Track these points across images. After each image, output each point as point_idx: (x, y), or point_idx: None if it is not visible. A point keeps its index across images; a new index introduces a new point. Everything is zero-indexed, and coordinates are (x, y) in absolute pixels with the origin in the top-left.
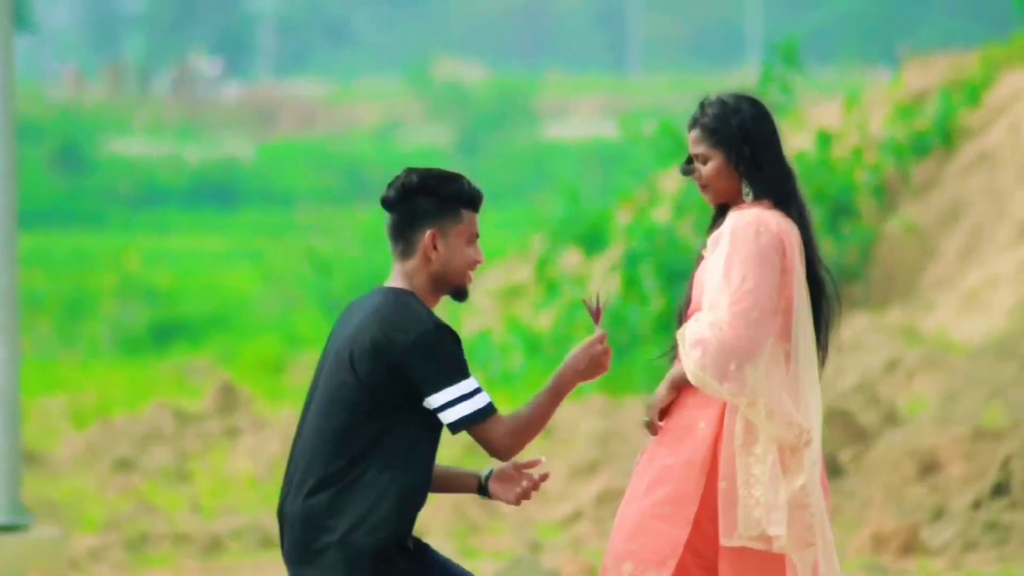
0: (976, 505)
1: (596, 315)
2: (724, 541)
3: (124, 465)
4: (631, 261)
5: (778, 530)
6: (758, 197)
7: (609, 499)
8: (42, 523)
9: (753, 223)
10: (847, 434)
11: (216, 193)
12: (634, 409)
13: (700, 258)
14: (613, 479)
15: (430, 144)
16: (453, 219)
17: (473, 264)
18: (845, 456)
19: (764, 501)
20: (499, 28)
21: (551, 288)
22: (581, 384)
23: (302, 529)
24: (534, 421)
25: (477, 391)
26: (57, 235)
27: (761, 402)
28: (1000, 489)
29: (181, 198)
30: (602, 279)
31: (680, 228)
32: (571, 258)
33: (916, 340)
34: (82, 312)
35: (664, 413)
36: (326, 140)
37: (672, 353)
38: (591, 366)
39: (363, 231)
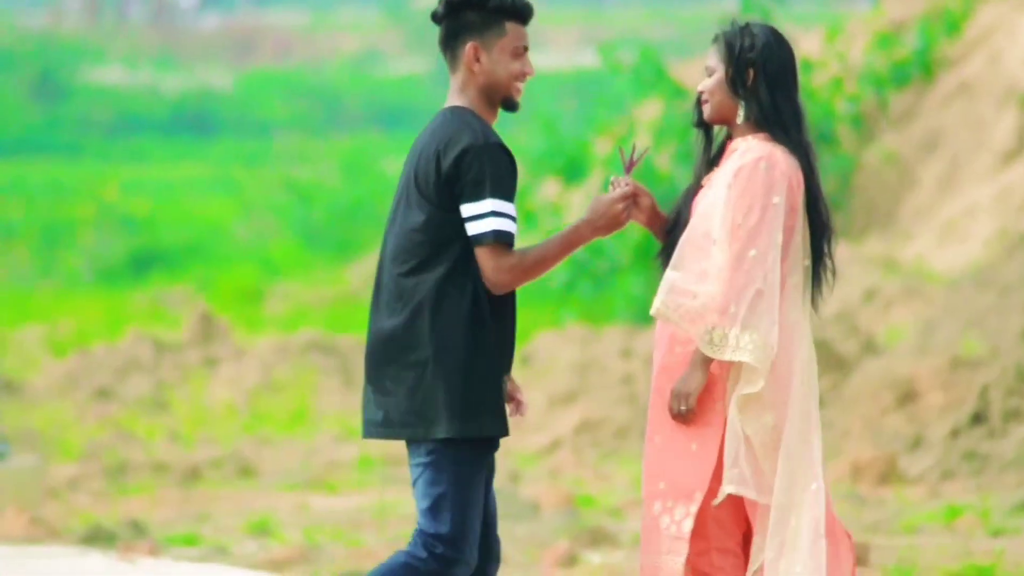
0: (954, 434)
1: (629, 166)
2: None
3: (102, 394)
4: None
5: (766, 499)
6: (749, 120)
7: (587, 429)
8: (20, 452)
9: (762, 158)
10: (826, 364)
11: (194, 122)
12: (614, 338)
13: (698, 187)
14: (592, 409)
15: (408, 74)
16: (497, 32)
17: (520, 76)
18: (823, 386)
19: (729, 459)
20: None
21: (529, 218)
22: (596, 238)
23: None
24: (537, 265)
25: (501, 215)
26: (33, 164)
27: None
28: (978, 418)
29: (159, 127)
30: (581, 210)
31: (659, 158)
32: (550, 188)
33: (894, 270)
34: (59, 241)
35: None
36: (304, 69)
37: (664, 258)
38: (609, 222)
39: (341, 160)
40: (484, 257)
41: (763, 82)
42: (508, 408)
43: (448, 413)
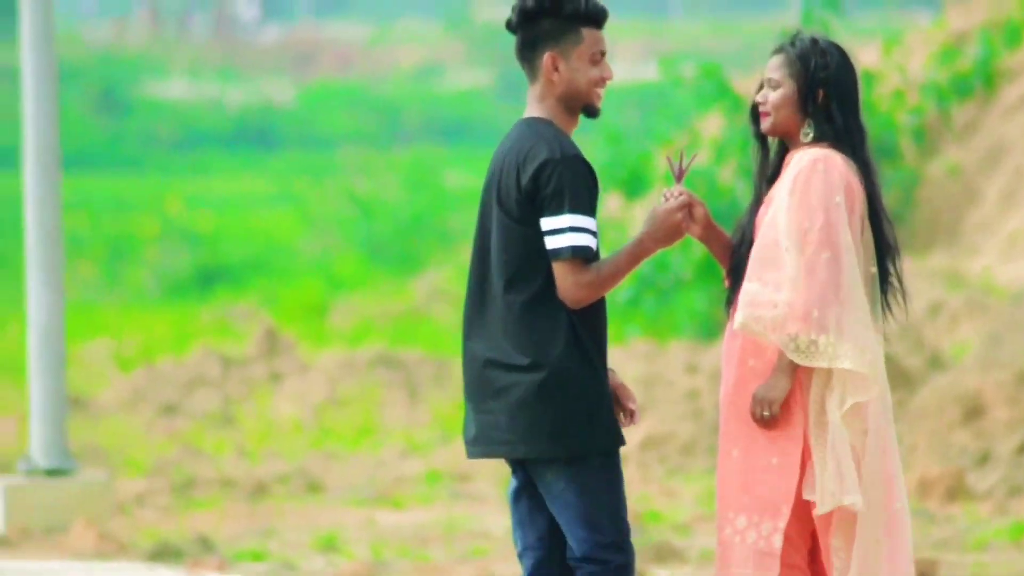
0: (1021, 449)
1: (679, 175)
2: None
3: (169, 409)
4: None
5: (853, 498)
6: (817, 140)
7: (653, 445)
8: (88, 468)
9: (819, 159)
10: (891, 379)
11: (256, 136)
12: (679, 353)
13: (760, 202)
14: (657, 424)
15: (470, 86)
16: (573, 39)
17: (600, 82)
18: (890, 401)
19: (836, 470)
20: None
21: None
22: (659, 250)
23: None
24: (610, 280)
25: (580, 230)
26: (98, 178)
27: (848, 345)
28: None
29: (221, 141)
30: (642, 223)
31: (721, 172)
32: (612, 202)
33: (959, 284)
34: (125, 256)
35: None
36: (365, 82)
37: (733, 293)
38: (668, 232)
39: (403, 173)
40: (561, 272)
41: (835, 103)
42: (621, 417)
43: (564, 429)
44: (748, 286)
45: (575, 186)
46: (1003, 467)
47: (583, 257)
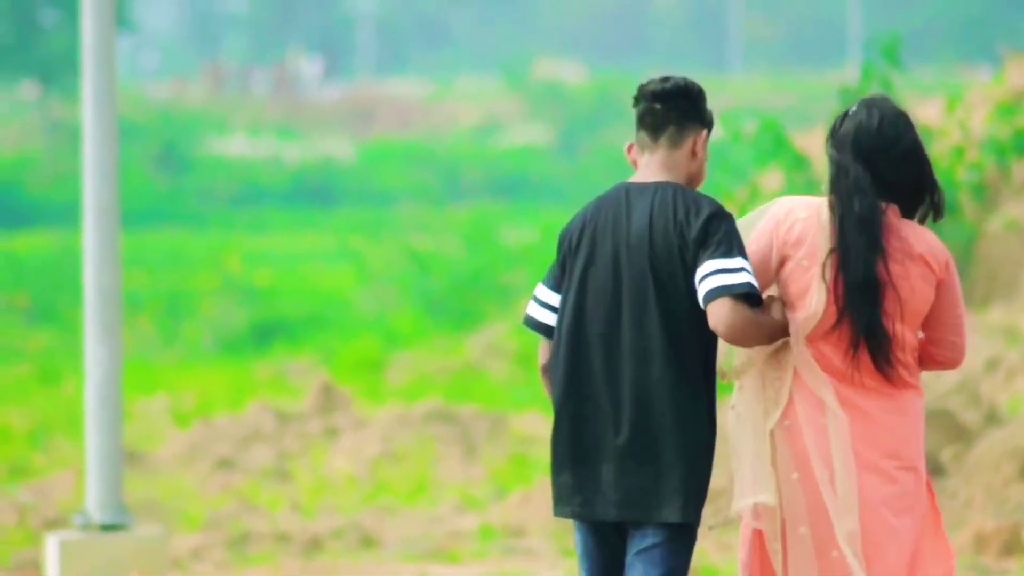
0: None
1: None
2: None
3: (225, 464)
4: None
5: (765, 497)
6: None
7: (712, 498)
8: (143, 522)
9: (778, 200)
10: (948, 434)
11: (315, 192)
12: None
13: None
14: (716, 480)
15: (528, 143)
16: (708, 132)
17: (705, 176)
18: (946, 456)
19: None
20: (597, 28)
21: None
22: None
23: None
24: (763, 331)
25: (743, 270)
26: (157, 235)
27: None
28: None
29: (280, 197)
30: None
31: None
32: None
33: (1017, 339)
34: (182, 312)
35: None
36: (425, 139)
37: None
38: None
39: (461, 229)
40: (726, 307)
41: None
42: None
43: (700, 492)
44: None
45: (737, 236)
46: None
47: (742, 292)
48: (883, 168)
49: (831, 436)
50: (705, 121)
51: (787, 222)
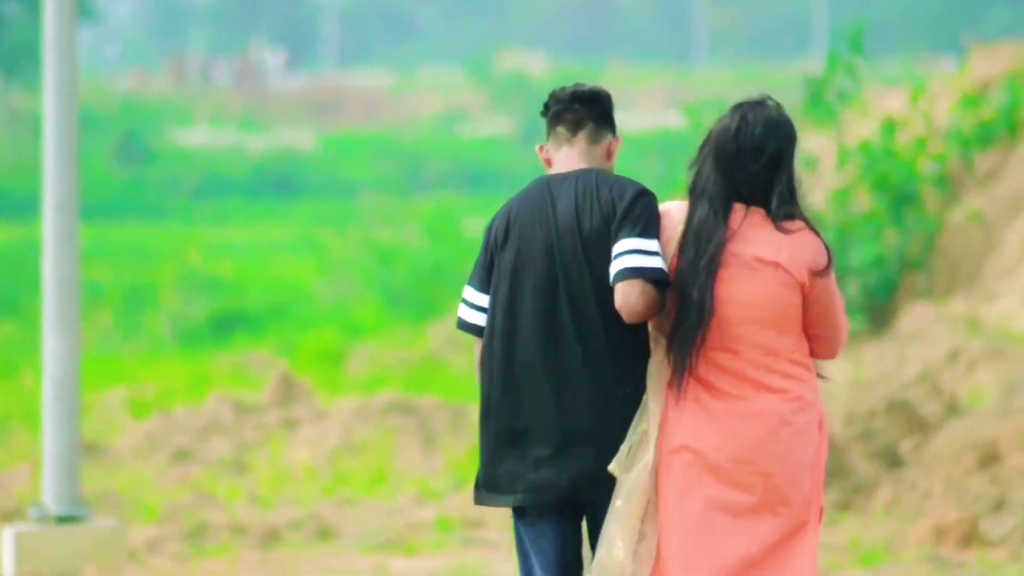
0: None
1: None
2: None
3: (183, 456)
4: None
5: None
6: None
7: None
8: (101, 514)
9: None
10: (908, 425)
11: (278, 184)
12: None
13: None
14: None
15: (492, 135)
16: (619, 142)
17: None
18: (906, 447)
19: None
20: (562, 20)
21: None
22: None
23: None
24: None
25: (657, 254)
26: (118, 226)
27: None
28: None
29: (243, 189)
30: None
31: None
32: None
33: (978, 331)
34: (143, 304)
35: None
36: (388, 130)
37: None
38: None
39: (424, 221)
40: (637, 288)
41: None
42: None
43: None
44: None
45: (657, 218)
46: (1019, 513)
47: (651, 277)
48: (738, 174)
49: (671, 426)
50: (615, 130)
51: (667, 225)
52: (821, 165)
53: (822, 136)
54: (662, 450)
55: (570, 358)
